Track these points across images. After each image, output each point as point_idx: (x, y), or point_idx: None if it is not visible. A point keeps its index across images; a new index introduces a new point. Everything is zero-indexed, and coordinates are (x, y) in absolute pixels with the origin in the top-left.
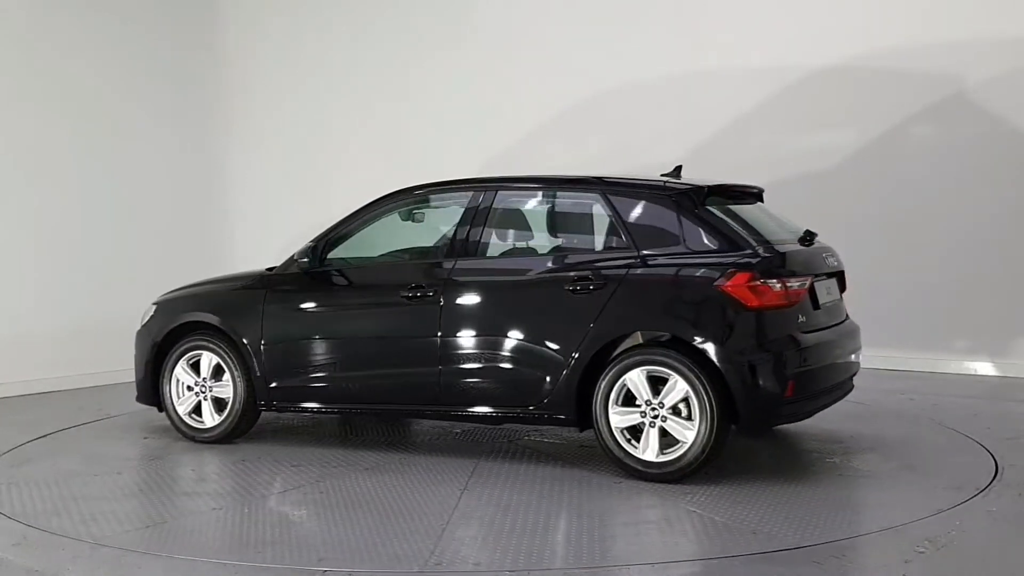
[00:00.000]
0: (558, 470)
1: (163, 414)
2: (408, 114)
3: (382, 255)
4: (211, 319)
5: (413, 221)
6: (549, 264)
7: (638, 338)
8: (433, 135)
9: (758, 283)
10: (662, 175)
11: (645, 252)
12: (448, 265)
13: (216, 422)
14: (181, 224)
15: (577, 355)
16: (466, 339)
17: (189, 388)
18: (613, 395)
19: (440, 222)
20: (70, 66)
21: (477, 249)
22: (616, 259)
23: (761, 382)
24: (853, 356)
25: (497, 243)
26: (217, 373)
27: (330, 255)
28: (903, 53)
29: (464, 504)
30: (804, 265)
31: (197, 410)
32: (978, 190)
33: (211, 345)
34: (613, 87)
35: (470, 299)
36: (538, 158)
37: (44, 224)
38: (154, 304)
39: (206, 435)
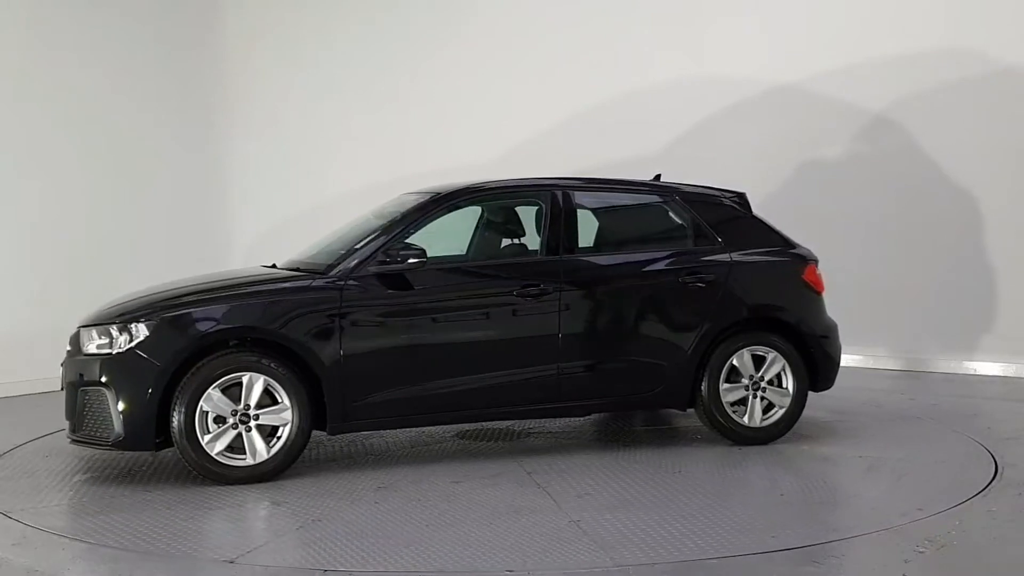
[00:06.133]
0: (679, 448)
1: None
2: (409, 113)
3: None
4: (266, 332)
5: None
6: (656, 260)
7: (750, 323)
8: (434, 134)
9: (819, 273)
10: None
11: (732, 249)
12: (556, 262)
13: (268, 455)
14: (182, 223)
15: (697, 341)
16: (588, 333)
17: (219, 420)
18: (722, 374)
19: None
20: (70, 65)
21: (574, 247)
22: (713, 255)
23: (833, 354)
24: None
25: (593, 240)
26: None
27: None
28: (902, 55)
29: (730, 489)
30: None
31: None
32: (977, 190)
33: (260, 364)
34: (612, 90)
35: (588, 294)
36: (537, 157)
37: (44, 223)
38: (140, 321)
39: (250, 472)
